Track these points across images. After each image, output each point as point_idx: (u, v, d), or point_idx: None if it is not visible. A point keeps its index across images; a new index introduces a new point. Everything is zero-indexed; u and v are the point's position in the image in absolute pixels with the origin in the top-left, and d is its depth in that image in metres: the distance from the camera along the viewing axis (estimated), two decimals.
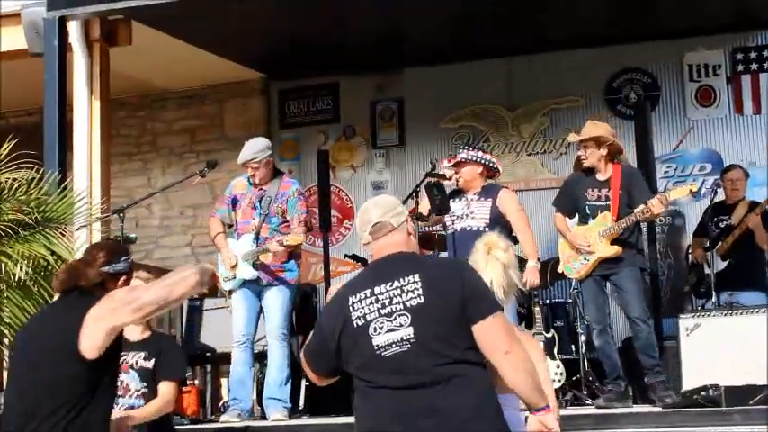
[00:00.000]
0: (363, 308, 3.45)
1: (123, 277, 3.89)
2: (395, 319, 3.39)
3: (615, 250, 6.73)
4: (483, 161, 7.01)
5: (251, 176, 7.13)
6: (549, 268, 7.57)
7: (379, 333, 3.40)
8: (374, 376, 3.41)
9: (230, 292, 7.12)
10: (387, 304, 3.42)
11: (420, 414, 3.32)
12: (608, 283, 6.87)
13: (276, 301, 6.98)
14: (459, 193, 7.02)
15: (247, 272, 6.97)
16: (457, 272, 3.50)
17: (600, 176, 6.90)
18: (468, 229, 6.81)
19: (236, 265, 6.97)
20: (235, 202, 7.20)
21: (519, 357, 3.39)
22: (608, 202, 6.83)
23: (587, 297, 6.96)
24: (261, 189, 7.12)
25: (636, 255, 6.88)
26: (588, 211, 6.90)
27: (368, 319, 3.43)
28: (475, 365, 3.38)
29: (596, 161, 6.89)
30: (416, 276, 3.43)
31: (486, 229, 6.81)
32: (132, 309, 3.58)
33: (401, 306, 3.40)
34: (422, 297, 3.39)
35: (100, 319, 3.57)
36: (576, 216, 7.05)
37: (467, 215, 6.87)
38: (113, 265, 3.85)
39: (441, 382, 3.33)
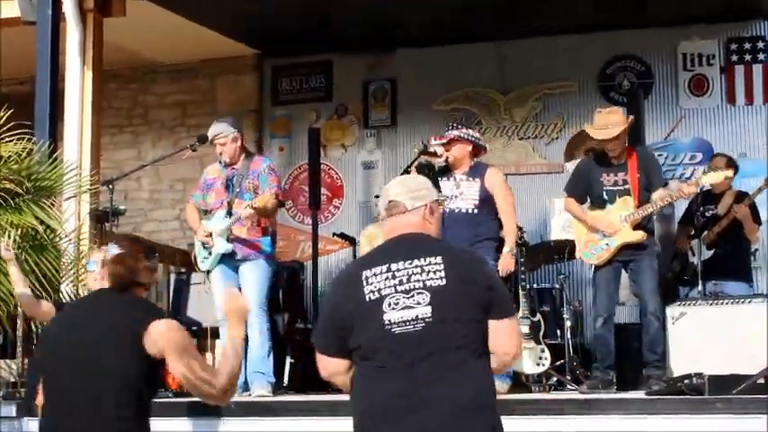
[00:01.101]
0: (378, 282, 3.39)
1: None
2: (412, 296, 3.35)
3: (640, 235, 6.66)
4: (472, 138, 7.01)
5: (219, 154, 7.14)
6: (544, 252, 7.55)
7: (393, 309, 3.35)
8: (376, 353, 3.36)
9: (208, 272, 7.12)
10: (404, 281, 3.37)
11: (417, 399, 3.28)
12: (624, 270, 6.84)
13: (252, 276, 6.97)
14: (446, 172, 6.99)
15: (222, 245, 6.97)
16: (481, 263, 3.58)
17: (615, 160, 6.86)
18: (458, 210, 6.81)
19: (211, 236, 6.97)
20: (207, 188, 7.22)
21: (515, 360, 3.56)
22: (626, 186, 6.76)
23: (600, 284, 6.86)
24: (232, 169, 7.14)
25: (653, 241, 6.87)
26: (606, 196, 6.82)
27: (383, 293, 3.37)
28: (479, 356, 3.38)
29: (623, 147, 6.85)
30: (439, 258, 3.40)
31: (476, 210, 6.83)
32: (189, 371, 3.51)
33: (420, 285, 3.36)
34: (443, 280, 3.36)
35: (162, 342, 3.52)
36: (588, 201, 7.00)
37: (456, 196, 6.85)
38: (152, 261, 3.80)
39: (445, 367, 3.31)
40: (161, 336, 3.50)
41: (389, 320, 3.34)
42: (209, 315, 7.65)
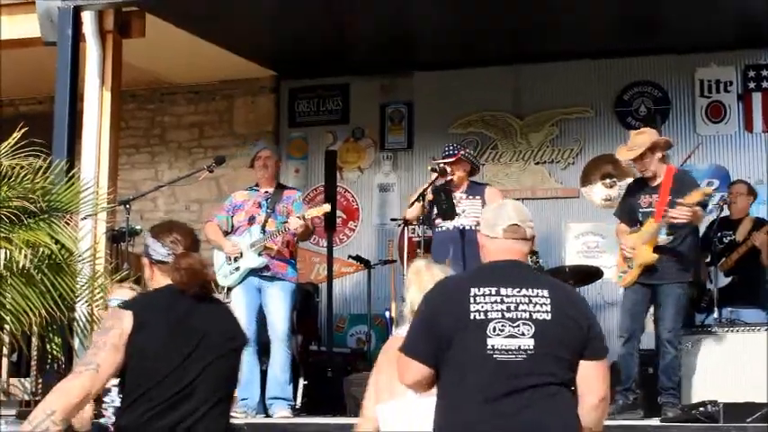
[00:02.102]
0: (486, 304, 3.39)
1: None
2: (518, 326, 3.36)
3: (653, 257, 6.63)
4: (472, 159, 7.21)
5: (263, 167, 7.27)
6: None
7: (498, 335, 3.35)
8: (473, 374, 3.35)
9: (229, 289, 7.14)
10: (512, 309, 3.38)
11: (507, 425, 3.31)
12: (653, 296, 6.78)
13: (280, 300, 7.02)
14: (450, 192, 7.08)
15: (253, 260, 7.00)
16: (584, 302, 3.58)
17: (652, 182, 6.86)
18: (462, 227, 6.91)
19: (241, 255, 7.01)
20: (234, 209, 7.31)
21: (606, 407, 3.51)
22: (651, 209, 6.76)
23: (624, 303, 6.87)
24: (266, 192, 7.26)
25: (682, 268, 6.73)
26: (641, 218, 6.84)
27: (489, 316, 3.37)
28: (571, 392, 3.43)
29: (657, 167, 6.82)
30: (546, 292, 3.42)
31: (477, 227, 6.84)
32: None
33: (527, 315, 3.38)
34: (549, 314, 3.38)
35: None
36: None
37: (458, 214, 6.93)
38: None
39: (541, 399, 3.33)
40: None
41: (492, 345, 3.35)
42: None
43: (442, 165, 7.03)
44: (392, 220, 9.25)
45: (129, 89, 9.34)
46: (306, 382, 7.81)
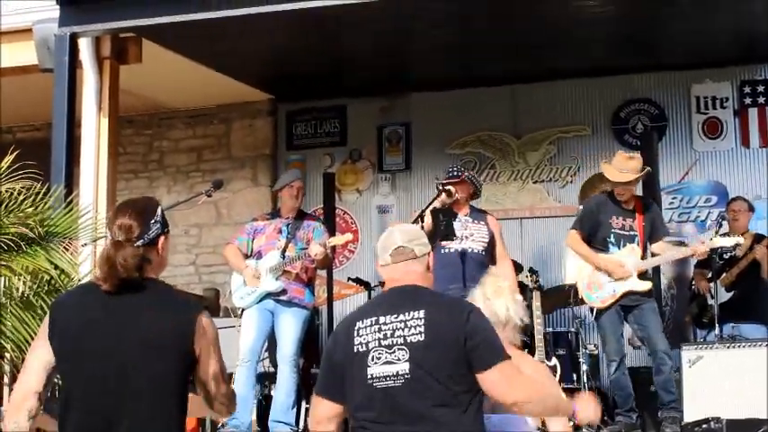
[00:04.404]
0: (367, 335, 3.45)
1: (162, 238, 3.47)
2: (394, 352, 3.40)
3: (648, 286, 6.72)
4: (476, 181, 7.14)
5: (294, 198, 7.31)
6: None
7: (376, 363, 3.40)
8: (364, 407, 3.41)
9: (242, 310, 7.15)
10: (388, 336, 3.42)
11: None
12: (625, 317, 6.83)
13: (292, 325, 7.02)
14: (449, 213, 7.05)
15: (271, 284, 7.00)
16: (463, 314, 3.44)
17: (627, 205, 6.87)
18: (471, 250, 6.86)
19: (260, 277, 7.02)
20: (255, 233, 7.32)
21: (528, 404, 3.41)
22: (632, 233, 6.84)
23: (607, 328, 6.86)
24: (287, 218, 7.29)
25: (651, 286, 6.90)
26: (613, 239, 6.86)
27: (369, 347, 3.44)
28: (462, 412, 3.35)
29: (630, 195, 6.89)
30: (421, 313, 3.42)
31: (483, 252, 6.86)
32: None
33: (401, 340, 3.40)
34: (422, 335, 3.38)
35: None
36: (591, 242, 7.00)
37: (465, 237, 6.91)
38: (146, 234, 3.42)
39: (423, 423, 3.31)
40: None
41: (371, 374, 3.40)
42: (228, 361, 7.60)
43: (448, 187, 6.99)
44: None
45: (126, 115, 9.36)
46: (308, 406, 7.79)
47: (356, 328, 3.48)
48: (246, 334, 7.00)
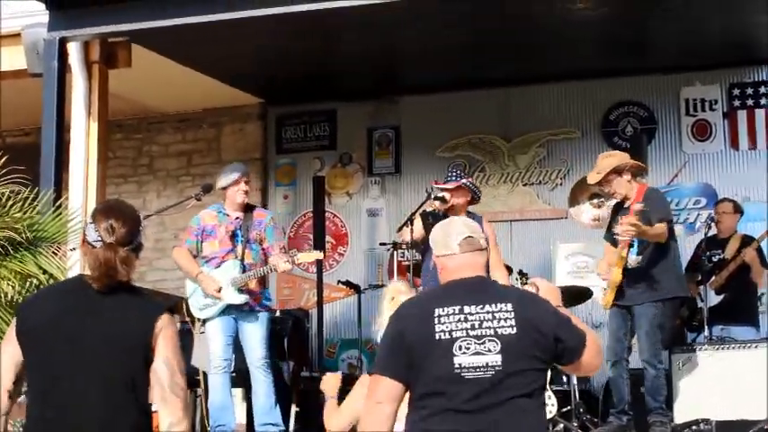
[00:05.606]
0: (450, 323, 3.42)
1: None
2: (484, 343, 3.39)
3: (619, 278, 6.63)
4: (474, 188, 7.06)
5: (244, 193, 7.08)
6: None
7: (464, 353, 3.38)
8: (443, 394, 3.38)
9: (204, 321, 7.03)
10: (476, 326, 3.41)
11: None
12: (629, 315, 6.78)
13: (256, 330, 6.92)
14: (442, 217, 6.98)
15: (235, 297, 6.90)
16: (550, 310, 3.52)
17: (626, 204, 6.87)
18: None
19: (221, 290, 6.90)
20: (203, 234, 7.10)
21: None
22: None
23: (610, 326, 6.85)
24: (237, 218, 7.08)
25: (652, 288, 6.68)
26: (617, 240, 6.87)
27: (454, 336, 3.40)
28: (541, 406, 3.48)
29: (626, 189, 6.84)
30: (509, 306, 3.43)
31: None
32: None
33: (491, 332, 3.40)
34: (513, 328, 3.40)
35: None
36: None
37: None
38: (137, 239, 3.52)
39: (511, 413, 3.36)
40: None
41: (459, 364, 3.38)
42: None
43: (441, 193, 6.93)
44: (381, 244, 9.25)
45: (116, 119, 9.34)
46: (298, 409, 7.78)
47: (436, 314, 3.43)
48: (215, 342, 6.87)
